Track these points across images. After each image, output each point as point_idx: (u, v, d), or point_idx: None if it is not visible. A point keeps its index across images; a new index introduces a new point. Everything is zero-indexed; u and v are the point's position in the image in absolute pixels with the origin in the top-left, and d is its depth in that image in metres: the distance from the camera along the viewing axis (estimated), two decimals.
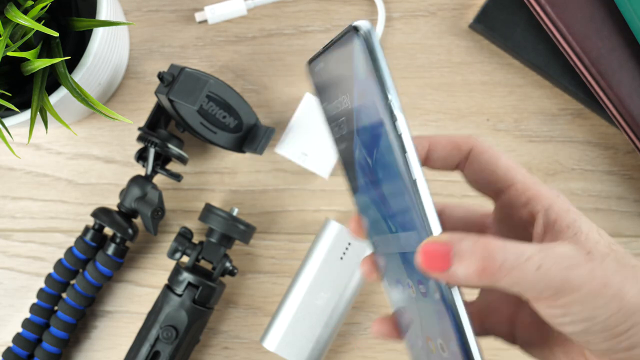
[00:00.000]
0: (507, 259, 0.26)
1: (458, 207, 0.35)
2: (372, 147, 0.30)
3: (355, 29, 0.29)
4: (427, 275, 0.27)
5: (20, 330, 0.53)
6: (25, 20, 0.37)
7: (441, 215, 0.35)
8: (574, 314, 0.27)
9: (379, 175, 0.30)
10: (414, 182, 0.28)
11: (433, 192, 0.55)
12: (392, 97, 0.28)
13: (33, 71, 0.40)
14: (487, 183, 0.31)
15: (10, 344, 0.52)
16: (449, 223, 0.35)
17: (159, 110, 0.53)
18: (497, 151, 0.31)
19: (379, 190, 0.30)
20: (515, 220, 0.31)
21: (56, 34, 0.38)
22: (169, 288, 0.51)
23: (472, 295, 0.34)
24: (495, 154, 0.31)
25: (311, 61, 0.32)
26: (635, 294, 0.27)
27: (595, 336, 0.28)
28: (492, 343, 0.36)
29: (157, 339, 0.50)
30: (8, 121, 0.44)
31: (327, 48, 0.31)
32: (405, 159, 0.28)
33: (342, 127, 0.31)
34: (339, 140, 0.32)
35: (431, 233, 0.27)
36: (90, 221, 0.55)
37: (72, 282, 0.53)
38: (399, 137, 0.28)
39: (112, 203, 0.55)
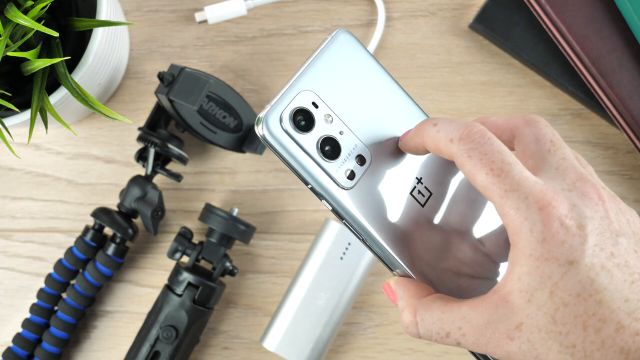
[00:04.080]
0: (424, 333, 0.29)
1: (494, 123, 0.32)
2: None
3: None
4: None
5: (20, 330, 0.53)
6: (25, 20, 0.37)
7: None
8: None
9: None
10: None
11: None
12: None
13: (33, 71, 0.40)
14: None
15: (10, 344, 0.52)
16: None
17: (159, 110, 0.53)
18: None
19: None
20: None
21: (56, 34, 0.38)
22: (169, 288, 0.51)
23: None
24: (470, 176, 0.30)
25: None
26: None
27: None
28: None
29: (157, 339, 0.50)
30: (8, 121, 0.44)
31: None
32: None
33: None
34: None
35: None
36: (90, 221, 0.55)
37: (72, 282, 0.53)
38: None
39: (112, 203, 0.55)
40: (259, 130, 0.28)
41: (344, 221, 0.30)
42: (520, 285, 0.25)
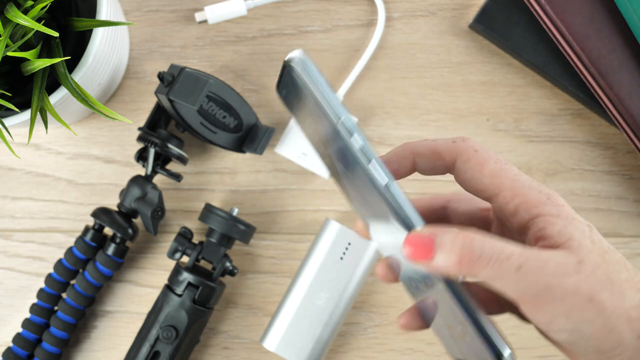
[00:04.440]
0: (485, 252, 0.27)
1: (463, 201, 0.35)
2: (344, 163, 0.30)
3: (288, 62, 0.29)
4: (413, 264, 0.28)
5: (20, 330, 0.53)
6: (25, 20, 0.37)
7: (445, 209, 0.35)
8: (559, 324, 0.27)
9: (359, 189, 0.30)
10: (386, 188, 0.29)
11: (434, 191, 0.55)
12: (343, 116, 0.29)
13: (33, 71, 0.40)
14: (475, 191, 0.31)
15: (10, 344, 0.52)
16: (453, 217, 0.35)
17: (159, 110, 0.53)
18: (485, 156, 0.30)
19: (365, 200, 0.30)
20: (509, 227, 0.31)
21: (56, 34, 0.38)
22: (169, 288, 0.51)
23: None
24: (481, 161, 0.30)
25: (277, 87, 0.32)
26: (622, 312, 0.27)
27: (583, 349, 0.28)
28: (511, 321, 0.36)
29: (157, 339, 0.50)
30: (8, 121, 0.44)
31: (280, 76, 0.31)
32: (369, 170, 0.29)
33: (320, 144, 0.32)
34: (323, 155, 0.32)
35: (414, 227, 0.28)
36: (90, 221, 0.55)
37: (72, 282, 0.53)
38: (359, 151, 0.29)
39: (112, 203, 0.55)
40: (294, 58, 0.29)
41: (369, 164, 0.29)
42: (565, 236, 0.28)
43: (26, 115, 0.44)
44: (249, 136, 0.53)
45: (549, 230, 0.28)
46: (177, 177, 0.52)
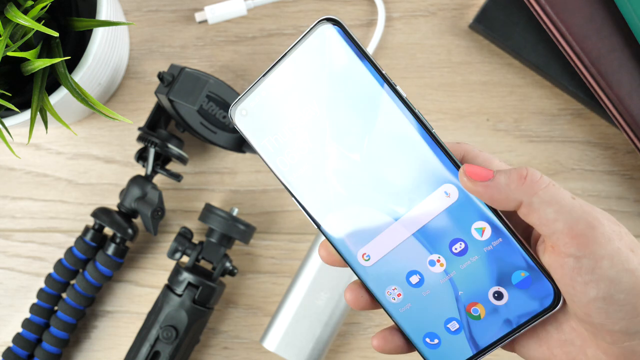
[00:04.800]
0: (544, 177, 0.29)
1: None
2: (359, 136, 0.30)
3: (329, 20, 0.30)
4: (468, 189, 0.30)
5: (20, 330, 0.53)
6: (25, 20, 0.37)
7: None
8: (601, 269, 0.27)
9: (377, 158, 0.30)
10: (432, 134, 0.30)
11: None
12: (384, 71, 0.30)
13: (33, 71, 0.40)
14: None
15: (10, 344, 0.52)
16: None
17: (159, 110, 0.53)
18: (489, 155, 0.32)
19: (377, 177, 0.30)
20: (514, 222, 0.31)
21: (56, 34, 0.38)
22: (169, 288, 0.51)
23: None
24: (488, 158, 0.32)
25: (238, 103, 0.32)
26: None
27: (615, 308, 0.27)
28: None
29: (157, 339, 0.50)
30: (8, 121, 0.44)
31: (268, 73, 0.31)
32: (417, 115, 0.30)
33: (295, 152, 0.31)
34: (290, 171, 0.32)
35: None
36: (90, 221, 0.55)
37: (72, 282, 0.53)
38: (404, 100, 0.30)
39: (112, 203, 0.55)
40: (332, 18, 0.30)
41: (416, 111, 0.30)
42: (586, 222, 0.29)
43: (26, 115, 0.44)
44: None
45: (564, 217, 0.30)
46: (177, 177, 0.53)
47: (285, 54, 0.30)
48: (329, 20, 0.30)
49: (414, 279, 0.31)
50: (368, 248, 0.32)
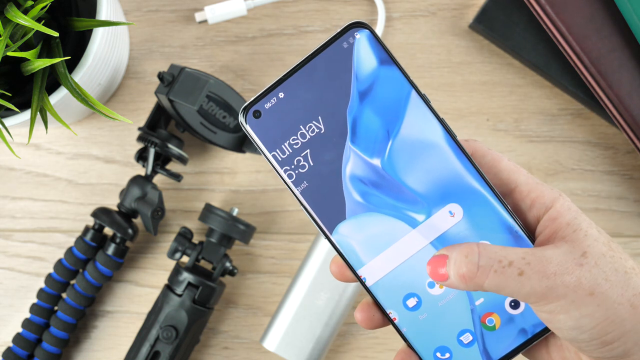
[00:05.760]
0: (485, 263, 0.27)
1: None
2: (383, 140, 0.30)
3: (359, 24, 0.30)
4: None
5: (20, 330, 0.53)
6: (25, 20, 0.37)
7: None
8: (561, 321, 0.27)
9: (400, 163, 0.30)
10: (457, 142, 0.30)
11: None
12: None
13: (33, 71, 0.40)
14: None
15: (10, 344, 0.52)
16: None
17: (159, 110, 0.53)
18: (498, 153, 0.32)
19: (398, 184, 0.30)
20: (524, 221, 0.31)
21: (56, 34, 0.38)
22: (169, 288, 0.51)
23: None
24: (497, 156, 0.32)
25: (253, 104, 0.31)
26: (624, 302, 0.27)
27: (586, 343, 0.28)
28: None
29: (157, 339, 0.50)
30: (8, 121, 0.44)
31: (289, 75, 0.31)
32: (444, 123, 0.30)
33: (310, 157, 0.31)
34: (300, 178, 0.31)
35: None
36: (90, 221, 0.55)
37: (72, 282, 0.53)
38: (430, 107, 0.31)
39: (112, 203, 0.55)
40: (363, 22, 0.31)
41: (441, 119, 0.31)
42: (573, 227, 0.29)
43: (26, 115, 0.44)
44: None
45: (559, 220, 0.29)
46: (177, 177, 0.53)
47: (311, 56, 0.30)
48: (359, 24, 0.30)
49: (434, 291, 0.31)
50: (381, 258, 0.31)
